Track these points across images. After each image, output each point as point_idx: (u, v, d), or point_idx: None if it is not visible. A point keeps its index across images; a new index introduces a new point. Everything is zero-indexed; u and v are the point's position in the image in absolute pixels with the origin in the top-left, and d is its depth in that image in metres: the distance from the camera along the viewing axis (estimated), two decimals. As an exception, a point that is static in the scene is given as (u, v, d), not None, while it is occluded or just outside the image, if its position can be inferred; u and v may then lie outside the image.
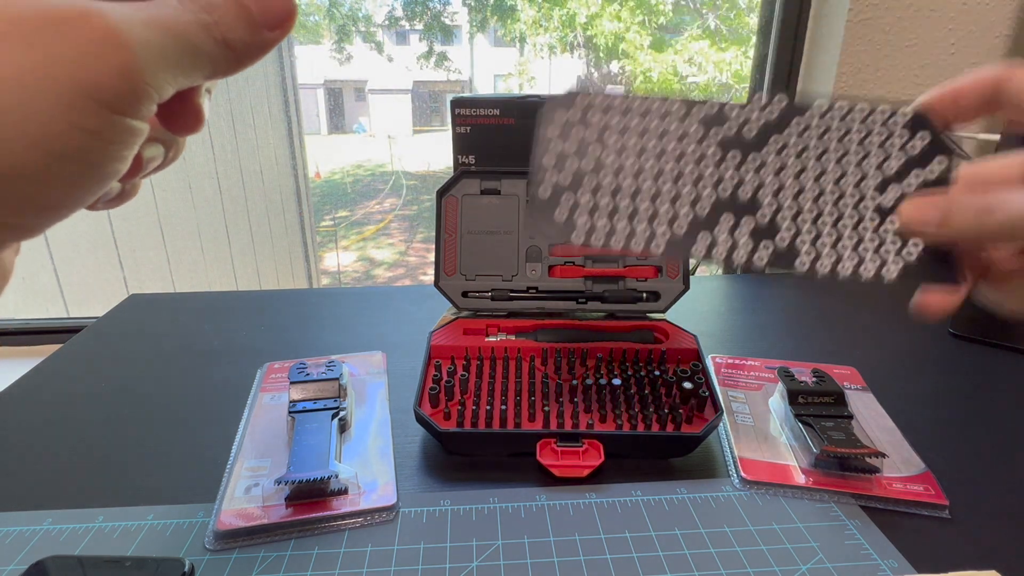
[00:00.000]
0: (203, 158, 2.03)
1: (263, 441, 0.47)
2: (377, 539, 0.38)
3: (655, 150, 0.27)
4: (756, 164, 0.27)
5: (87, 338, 0.67)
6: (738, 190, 0.26)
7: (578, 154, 0.27)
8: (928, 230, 0.25)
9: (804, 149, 0.27)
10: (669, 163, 0.26)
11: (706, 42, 4.27)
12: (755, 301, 0.80)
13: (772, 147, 0.27)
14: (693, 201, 0.26)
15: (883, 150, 0.27)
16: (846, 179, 0.26)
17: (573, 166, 0.26)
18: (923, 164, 0.26)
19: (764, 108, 0.27)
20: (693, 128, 0.27)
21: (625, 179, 0.26)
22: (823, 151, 0.27)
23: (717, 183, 0.26)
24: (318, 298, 0.80)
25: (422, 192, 5.92)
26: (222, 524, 0.39)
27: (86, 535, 0.39)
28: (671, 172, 0.26)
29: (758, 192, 0.26)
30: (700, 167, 0.27)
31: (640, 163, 0.27)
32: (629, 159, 0.27)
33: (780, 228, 0.26)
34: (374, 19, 6.08)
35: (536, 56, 4.41)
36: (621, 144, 0.27)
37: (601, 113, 0.27)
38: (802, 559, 0.37)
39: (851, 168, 0.26)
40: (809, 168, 0.26)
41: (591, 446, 0.44)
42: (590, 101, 0.27)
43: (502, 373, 0.52)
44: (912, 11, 0.80)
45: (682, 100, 0.27)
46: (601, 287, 0.59)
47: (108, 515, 0.40)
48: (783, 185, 0.26)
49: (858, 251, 0.25)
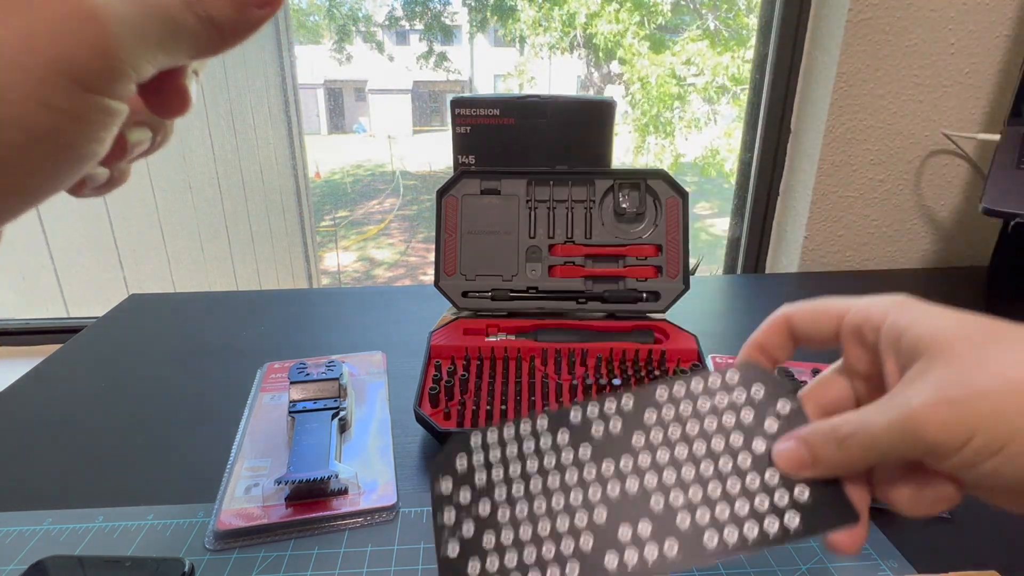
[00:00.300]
0: (203, 158, 2.03)
1: (263, 441, 0.47)
2: (377, 539, 0.38)
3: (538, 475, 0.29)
4: (631, 462, 0.28)
5: (87, 338, 0.67)
6: (624, 496, 0.28)
7: (473, 502, 0.28)
8: (806, 472, 0.26)
9: (666, 433, 0.29)
10: (556, 487, 0.28)
11: (705, 43, 4.27)
12: (755, 301, 0.80)
13: (639, 440, 0.29)
14: (587, 524, 0.27)
15: (733, 408, 0.29)
16: (716, 446, 0.28)
17: (472, 515, 0.28)
18: (772, 408, 0.28)
19: (618, 404, 0.30)
20: (565, 439, 0.29)
21: (522, 517, 0.28)
22: (684, 428, 0.29)
23: (601, 495, 0.28)
24: (318, 298, 0.80)
25: (422, 192, 5.92)
26: (222, 524, 0.39)
27: (86, 535, 0.39)
28: (559, 498, 0.28)
29: (643, 488, 0.28)
30: (582, 481, 0.28)
31: (530, 492, 0.28)
32: (519, 492, 0.28)
33: (676, 516, 0.27)
34: (374, 19, 6.08)
35: (536, 56, 4.41)
36: (507, 477, 0.29)
37: (482, 452, 0.30)
38: (802, 559, 0.37)
39: (714, 435, 0.28)
40: (678, 450, 0.28)
41: (591, 446, 0.44)
42: (466, 446, 0.30)
43: (502, 373, 0.52)
44: (912, 11, 0.80)
45: (546, 413, 0.30)
46: (601, 287, 0.59)
47: (108, 515, 0.40)
48: (661, 475, 0.28)
49: (756, 511, 0.26)
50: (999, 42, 0.82)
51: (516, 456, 0.30)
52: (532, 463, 0.29)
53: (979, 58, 0.83)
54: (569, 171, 0.60)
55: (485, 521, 0.28)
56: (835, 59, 0.82)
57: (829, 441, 0.25)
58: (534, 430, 0.30)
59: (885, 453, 0.24)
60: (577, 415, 0.30)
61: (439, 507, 0.28)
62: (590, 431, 0.30)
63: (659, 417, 0.29)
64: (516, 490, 0.28)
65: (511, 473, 0.29)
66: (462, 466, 0.30)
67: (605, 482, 0.28)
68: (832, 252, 0.93)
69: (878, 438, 0.24)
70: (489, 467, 0.30)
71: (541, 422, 0.30)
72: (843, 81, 0.83)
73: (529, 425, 0.30)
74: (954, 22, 0.81)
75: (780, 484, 0.26)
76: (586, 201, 0.60)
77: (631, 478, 0.28)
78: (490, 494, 0.29)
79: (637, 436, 0.29)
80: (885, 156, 0.88)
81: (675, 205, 0.59)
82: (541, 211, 0.60)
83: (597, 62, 4.43)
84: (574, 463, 0.29)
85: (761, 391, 0.29)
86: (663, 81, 4.24)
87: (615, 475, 0.28)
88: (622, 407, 0.30)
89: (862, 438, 0.24)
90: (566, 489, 0.28)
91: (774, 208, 0.97)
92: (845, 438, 0.24)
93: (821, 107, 0.86)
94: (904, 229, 0.92)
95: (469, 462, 0.30)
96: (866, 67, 0.82)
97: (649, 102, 4.25)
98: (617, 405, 0.30)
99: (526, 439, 0.30)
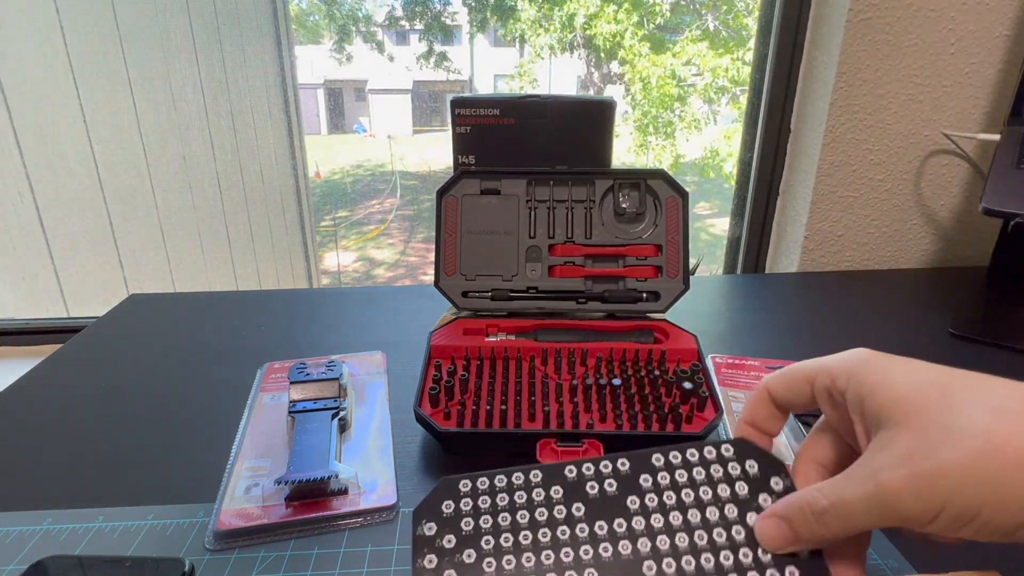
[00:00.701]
0: (203, 158, 2.03)
1: (263, 441, 0.47)
2: (377, 539, 0.38)
3: (528, 529, 0.28)
4: (625, 525, 0.28)
5: (87, 338, 0.67)
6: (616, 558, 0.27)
7: (457, 550, 0.28)
8: (788, 547, 0.26)
9: (661, 499, 0.29)
10: (547, 542, 0.28)
11: (705, 43, 4.26)
12: (755, 301, 0.80)
13: (633, 503, 0.29)
14: None
15: (728, 480, 0.29)
16: (711, 515, 0.28)
17: (455, 563, 0.28)
18: (767, 485, 0.29)
19: (614, 466, 0.30)
20: (559, 494, 0.29)
21: (509, 569, 0.27)
22: (679, 495, 0.29)
23: (593, 555, 0.28)
24: (318, 298, 0.80)
25: (422, 192, 5.92)
26: (222, 524, 0.39)
27: (86, 535, 0.39)
28: (550, 554, 0.27)
29: (636, 552, 0.27)
30: (575, 538, 0.28)
31: (519, 545, 0.28)
32: (508, 543, 0.28)
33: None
34: (374, 19, 6.08)
35: (536, 56, 4.41)
36: (496, 527, 0.28)
37: (470, 499, 0.29)
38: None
39: (709, 505, 0.28)
40: (673, 516, 0.28)
41: (591, 446, 0.44)
42: (454, 492, 0.30)
43: (502, 373, 0.52)
44: (912, 11, 0.80)
45: (540, 468, 0.30)
46: (601, 287, 0.59)
47: (108, 515, 0.40)
48: (655, 541, 0.28)
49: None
50: (999, 42, 0.82)
51: (506, 506, 0.29)
52: (523, 516, 0.29)
53: (979, 58, 0.83)
54: (569, 171, 0.60)
55: (468, 569, 0.27)
56: (835, 59, 0.82)
57: (807, 517, 0.25)
58: (527, 482, 0.30)
59: (864, 524, 0.24)
60: (573, 472, 0.30)
61: (420, 551, 0.28)
62: (585, 489, 0.30)
63: (655, 483, 0.30)
64: (504, 540, 0.28)
65: (500, 523, 0.29)
66: (448, 511, 0.29)
67: (598, 542, 0.28)
68: (832, 252, 0.93)
69: (855, 510, 0.24)
70: (477, 515, 0.29)
71: (535, 474, 0.30)
72: (843, 81, 0.83)
73: (522, 477, 0.30)
74: (954, 22, 0.81)
75: (772, 563, 0.26)
76: (586, 201, 0.60)
77: (624, 541, 0.28)
78: (476, 543, 0.28)
79: (632, 500, 0.29)
80: (885, 156, 0.88)
81: (675, 205, 0.59)
82: (541, 211, 0.60)
83: (597, 62, 4.43)
84: (566, 520, 0.29)
85: (755, 467, 0.29)
86: (663, 82, 4.24)
87: (608, 536, 0.28)
88: (618, 468, 0.30)
89: (840, 511, 0.24)
90: (557, 545, 0.28)
91: (774, 208, 0.97)
92: (823, 513, 0.25)
93: (821, 107, 0.86)
94: (904, 229, 0.92)
95: (456, 507, 0.29)
96: (866, 67, 0.82)
97: (650, 102, 4.25)
98: (613, 467, 0.30)
99: (518, 490, 0.30)
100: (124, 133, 1.62)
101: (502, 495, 0.30)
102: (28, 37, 1.37)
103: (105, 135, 1.56)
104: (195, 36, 1.87)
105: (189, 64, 1.86)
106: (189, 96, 1.86)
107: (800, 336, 0.69)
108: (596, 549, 0.28)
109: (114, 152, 1.59)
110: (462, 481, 0.30)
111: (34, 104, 1.40)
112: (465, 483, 0.30)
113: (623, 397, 0.49)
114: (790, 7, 0.87)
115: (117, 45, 1.57)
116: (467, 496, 0.30)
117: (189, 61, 1.86)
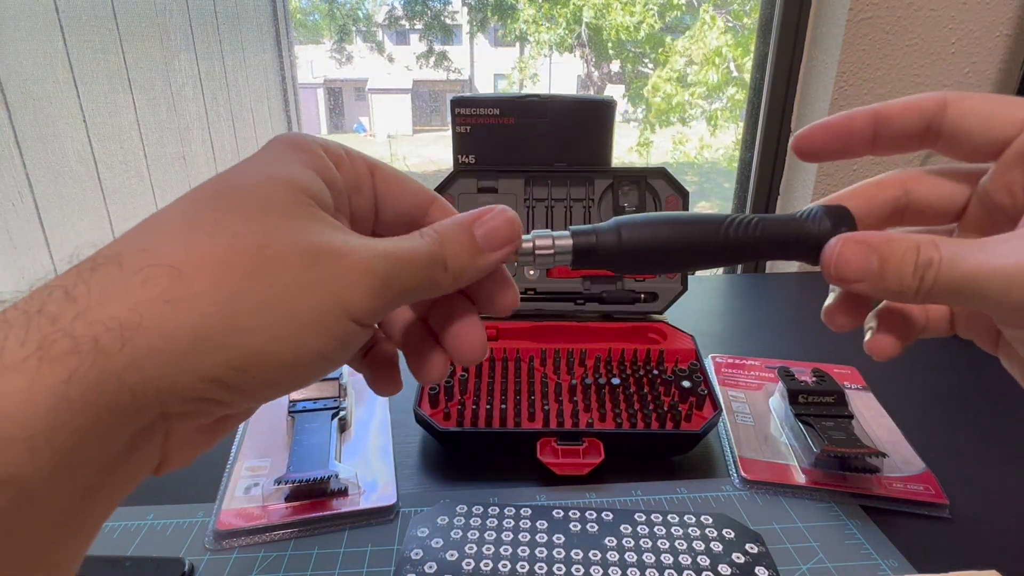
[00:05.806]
0: (203, 158, 2.03)
1: (263, 441, 0.47)
2: (377, 539, 0.38)
3: (508, 560, 0.33)
4: (600, 555, 0.34)
5: (87, 338, 0.67)
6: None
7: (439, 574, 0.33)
8: (858, 284, 0.20)
9: (638, 541, 0.35)
10: (524, 563, 0.33)
11: (729, 35, 4.25)
12: (755, 301, 0.80)
13: (611, 541, 0.35)
14: None
15: (703, 539, 0.35)
16: (683, 560, 0.33)
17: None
18: (741, 547, 0.34)
19: (598, 515, 0.36)
20: (544, 526, 0.36)
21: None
22: (655, 542, 0.35)
23: (565, 573, 0.33)
24: (318, 298, 0.80)
25: (422, 192, 5.91)
26: (222, 524, 0.39)
27: (86, 535, 0.39)
28: (525, 567, 0.33)
29: None
30: (551, 558, 0.34)
31: (498, 572, 0.33)
32: (487, 568, 0.33)
33: None
34: (374, 19, 6.07)
35: (537, 54, 4.41)
36: (479, 553, 0.34)
37: (459, 529, 0.35)
38: (802, 559, 0.37)
39: (682, 553, 0.34)
40: (646, 555, 0.34)
41: (591, 444, 0.44)
42: (440, 520, 0.36)
43: (501, 373, 0.52)
44: (912, 11, 0.80)
45: (531, 507, 0.37)
46: (599, 288, 0.59)
47: (108, 515, 0.40)
48: (626, 571, 0.33)
49: None
50: (999, 42, 0.82)
51: (492, 541, 0.34)
52: (505, 546, 0.34)
53: (979, 58, 0.83)
54: (567, 169, 0.60)
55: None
56: (835, 59, 0.82)
57: (907, 261, 0.19)
58: (517, 515, 0.36)
59: (967, 299, 0.19)
60: (560, 514, 0.36)
61: (401, 572, 0.32)
62: (568, 526, 0.35)
63: (634, 531, 0.35)
64: (484, 566, 0.33)
65: (484, 552, 0.33)
66: (436, 539, 0.34)
67: (572, 564, 0.33)
68: (832, 252, 0.93)
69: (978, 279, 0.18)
70: (463, 544, 0.34)
71: (524, 511, 0.36)
72: (843, 81, 0.83)
73: (513, 512, 0.36)
74: (954, 22, 0.81)
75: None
76: (585, 200, 0.60)
77: (596, 566, 0.33)
78: (457, 570, 0.32)
79: (609, 539, 0.35)
80: (885, 155, 0.88)
81: (675, 204, 0.59)
82: (539, 210, 0.60)
83: (598, 61, 4.42)
84: (546, 544, 0.34)
85: (732, 534, 0.33)
86: (667, 80, 4.24)
87: (583, 561, 0.33)
88: (602, 517, 0.36)
89: (956, 270, 0.18)
90: (534, 561, 0.33)
91: (774, 208, 0.97)
92: (927, 264, 0.19)
93: (821, 107, 0.86)
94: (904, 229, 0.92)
95: (446, 537, 0.34)
96: (866, 67, 0.82)
97: (654, 95, 4.24)
98: (598, 515, 0.36)
99: (507, 518, 0.36)
100: (124, 133, 1.62)
101: (490, 532, 0.35)
102: (28, 37, 1.37)
103: (105, 135, 1.56)
104: (195, 36, 1.87)
105: (189, 64, 1.86)
106: (189, 96, 1.86)
107: (800, 336, 0.69)
108: (569, 568, 0.32)
109: (114, 152, 1.59)
110: (458, 506, 0.36)
111: (34, 104, 1.41)
112: (462, 507, 0.36)
113: (622, 396, 0.49)
114: (790, 7, 0.87)
115: (117, 45, 1.57)
116: (458, 528, 0.35)
117: (189, 61, 1.86)
